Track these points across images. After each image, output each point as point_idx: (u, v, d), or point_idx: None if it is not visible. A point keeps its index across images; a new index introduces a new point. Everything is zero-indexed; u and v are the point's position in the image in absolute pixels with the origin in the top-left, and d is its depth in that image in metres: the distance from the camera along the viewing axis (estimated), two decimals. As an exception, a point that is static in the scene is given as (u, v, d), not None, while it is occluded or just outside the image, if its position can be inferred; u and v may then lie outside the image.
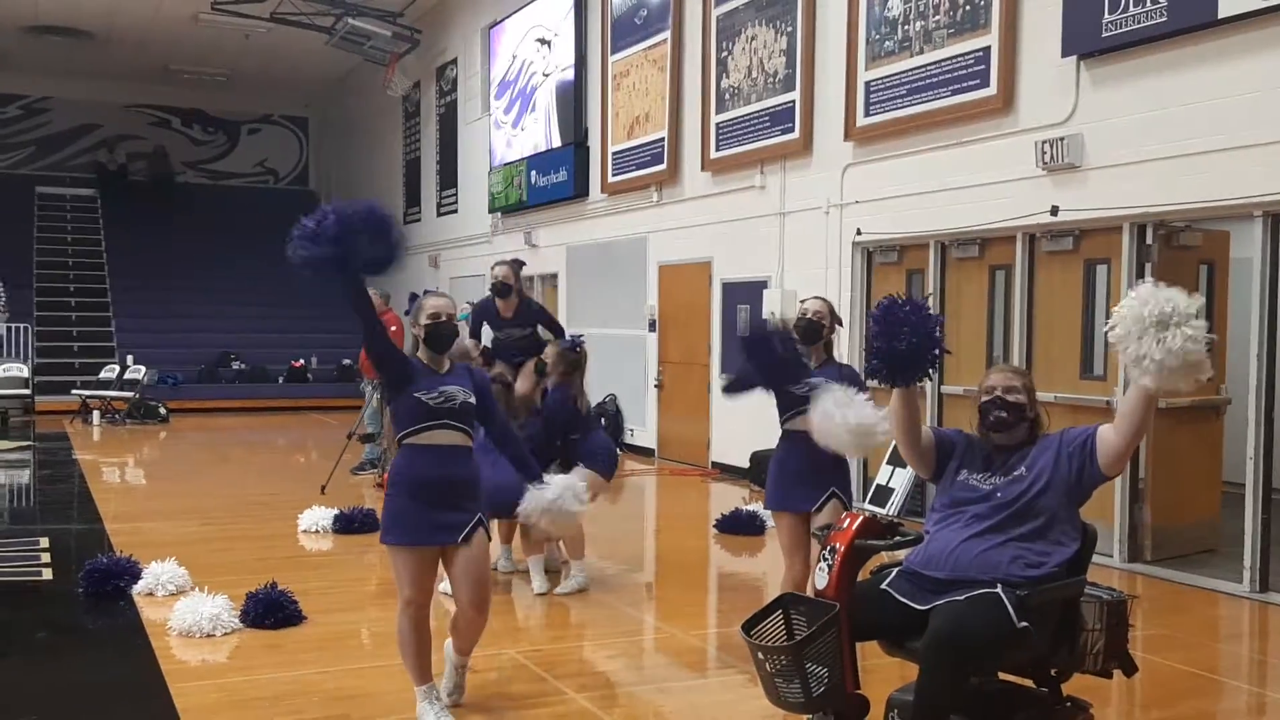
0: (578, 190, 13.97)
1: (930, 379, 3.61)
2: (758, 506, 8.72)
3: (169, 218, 22.87)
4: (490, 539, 4.51)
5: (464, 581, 4.22)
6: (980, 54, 8.18)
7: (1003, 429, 3.71)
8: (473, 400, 4.25)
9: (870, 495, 8.89)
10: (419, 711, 4.25)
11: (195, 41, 20.46)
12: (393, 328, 11.21)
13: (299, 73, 23.08)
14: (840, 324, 5.25)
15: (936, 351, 3.59)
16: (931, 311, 3.64)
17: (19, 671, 5.05)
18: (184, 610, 5.48)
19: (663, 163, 12.20)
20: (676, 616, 6.09)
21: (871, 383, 4.17)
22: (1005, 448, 3.72)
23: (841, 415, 4.40)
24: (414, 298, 6.22)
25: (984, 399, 3.73)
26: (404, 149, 20.63)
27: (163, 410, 16.84)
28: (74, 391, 17.04)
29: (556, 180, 14.43)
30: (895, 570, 3.70)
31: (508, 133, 15.94)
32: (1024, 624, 3.36)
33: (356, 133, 23.35)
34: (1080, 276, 7.71)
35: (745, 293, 11.02)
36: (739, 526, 8.33)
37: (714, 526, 8.45)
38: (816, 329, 4.97)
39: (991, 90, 8.10)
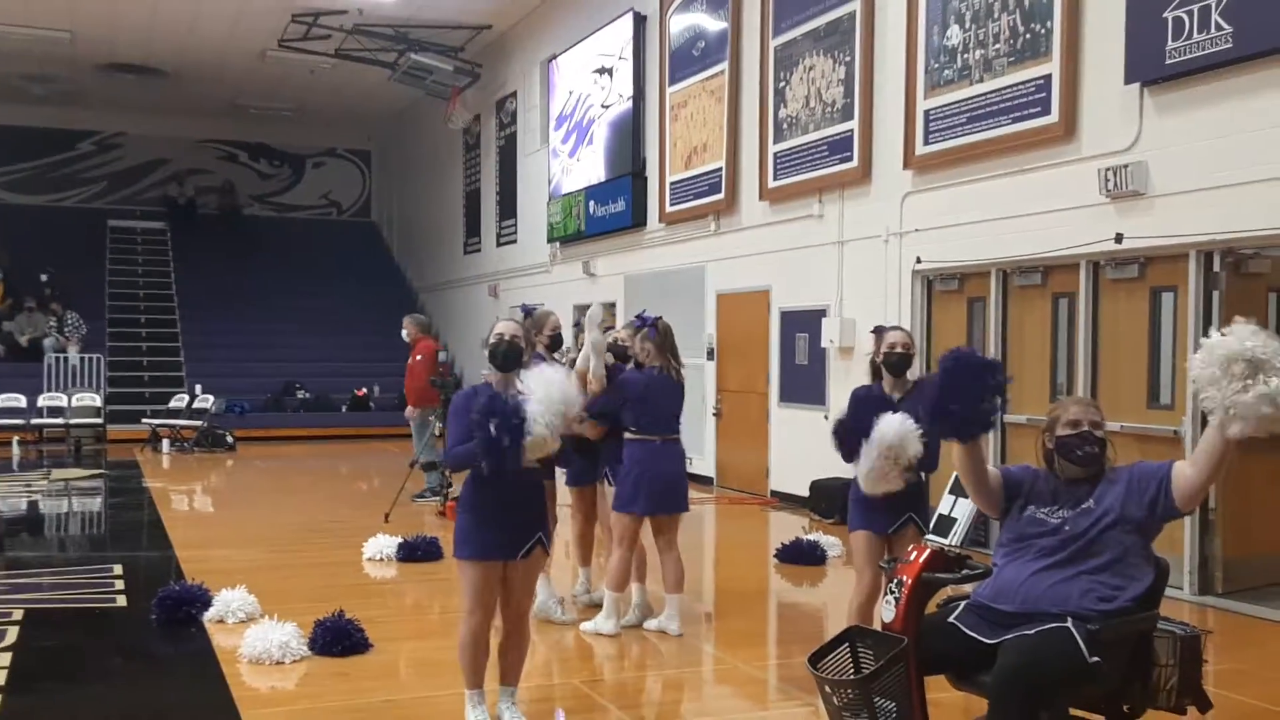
0: (636, 220, 14.07)
1: (991, 432, 3.64)
2: (818, 536, 8.69)
3: (236, 249, 23.42)
4: (549, 555, 4.66)
5: (512, 592, 4.44)
6: (1041, 82, 8.14)
7: (1091, 464, 3.66)
8: None
9: (932, 525, 8.78)
10: (466, 714, 4.45)
11: (262, 78, 20.95)
12: (419, 356, 11.52)
13: (362, 107, 23.53)
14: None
15: (997, 411, 3.57)
16: (997, 372, 3.60)
17: (94, 697, 5.16)
18: (254, 637, 5.58)
19: (720, 192, 12.26)
20: (737, 647, 6.08)
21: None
22: (1074, 481, 3.68)
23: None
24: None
25: (1068, 433, 3.66)
26: (464, 180, 20.91)
27: (230, 439, 17.15)
28: (144, 420, 17.44)
29: (615, 210, 14.53)
30: (963, 603, 3.67)
31: (566, 164, 16.11)
32: (1095, 659, 3.32)
33: (418, 165, 23.71)
34: (1146, 304, 7.61)
35: (804, 321, 11.01)
36: (800, 556, 8.29)
37: (774, 556, 8.42)
38: (907, 360, 5.03)
39: (1053, 118, 8.05)
